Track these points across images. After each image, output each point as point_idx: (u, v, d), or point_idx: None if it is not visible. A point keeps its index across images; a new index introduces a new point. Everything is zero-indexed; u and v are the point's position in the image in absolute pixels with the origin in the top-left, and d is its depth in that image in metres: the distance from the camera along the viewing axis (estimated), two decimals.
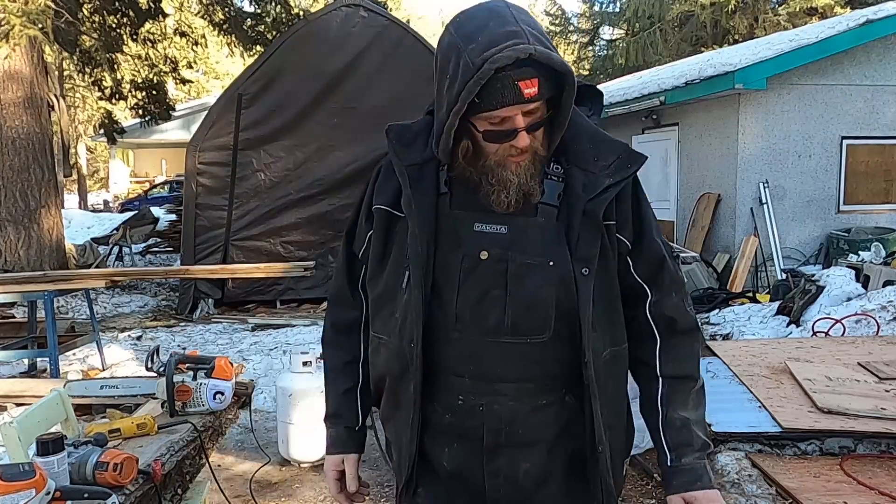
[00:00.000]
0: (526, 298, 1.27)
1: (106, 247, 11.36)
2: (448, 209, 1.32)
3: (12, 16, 7.45)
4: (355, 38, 8.43)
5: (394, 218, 1.36)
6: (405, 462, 1.39)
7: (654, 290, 1.37)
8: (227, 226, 8.38)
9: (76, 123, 26.30)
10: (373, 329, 1.41)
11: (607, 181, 1.29)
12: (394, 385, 1.38)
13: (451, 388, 1.32)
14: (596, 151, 1.31)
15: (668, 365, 1.38)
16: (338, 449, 1.51)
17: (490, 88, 1.17)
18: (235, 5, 11.44)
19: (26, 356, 5.78)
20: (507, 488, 1.35)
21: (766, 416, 4.07)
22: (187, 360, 2.47)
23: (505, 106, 1.19)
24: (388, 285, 1.35)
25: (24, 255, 8.54)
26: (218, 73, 30.87)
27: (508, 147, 1.24)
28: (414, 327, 1.28)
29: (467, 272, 1.29)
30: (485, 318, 1.28)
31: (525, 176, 1.26)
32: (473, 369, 1.29)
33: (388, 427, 1.47)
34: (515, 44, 1.16)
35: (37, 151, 8.66)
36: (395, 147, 1.36)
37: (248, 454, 4.09)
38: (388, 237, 1.37)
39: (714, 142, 9.09)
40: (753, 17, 19.14)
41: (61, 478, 1.65)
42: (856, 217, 8.90)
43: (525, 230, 1.29)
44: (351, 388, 1.51)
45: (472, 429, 1.32)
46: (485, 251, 1.28)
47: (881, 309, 6.22)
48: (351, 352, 1.52)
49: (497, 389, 1.30)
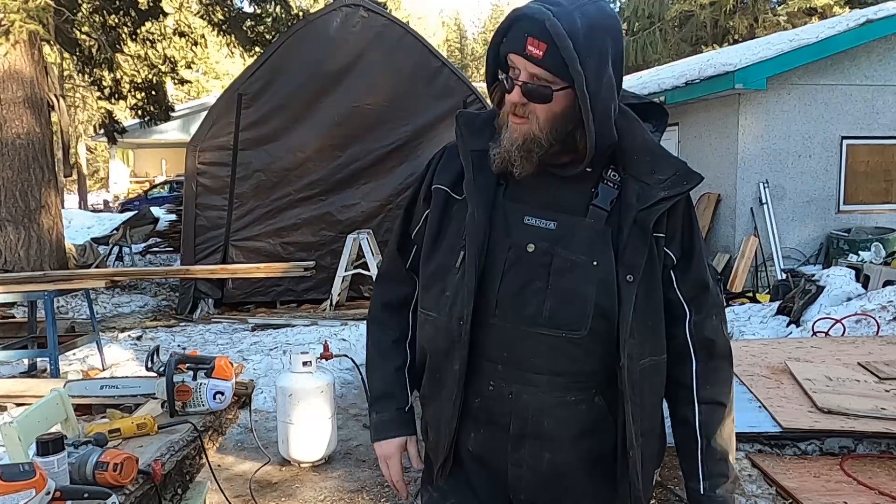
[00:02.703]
0: (566, 292, 1.31)
1: (106, 247, 11.36)
2: (502, 199, 1.36)
3: (12, 12, 7.44)
4: (355, 37, 8.43)
5: (451, 199, 1.40)
6: (444, 441, 1.41)
7: (694, 309, 1.40)
8: (227, 226, 8.37)
9: (76, 123, 26.30)
10: (423, 306, 1.45)
11: (661, 194, 1.31)
12: (438, 362, 1.41)
13: (484, 372, 1.36)
14: (654, 165, 1.34)
15: (707, 389, 1.39)
16: (400, 431, 1.50)
17: (510, 32, 1.27)
18: (235, 5, 11.44)
19: (26, 356, 5.78)
20: (529, 478, 1.38)
21: (766, 416, 4.07)
22: (187, 360, 2.46)
23: (509, 51, 1.27)
24: (441, 264, 1.39)
25: (24, 255, 8.54)
26: (218, 73, 30.89)
27: (508, 102, 1.30)
28: (465, 306, 1.32)
29: (512, 262, 1.33)
30: (523, 308, 1.32)
31: (512, 143, 1.30)
32: (507, 356, 1.34)
33: (427, 408, 1.48)
34: (548, 7, 1.23)
35: (37, 151, 8.66)
36: (463, 132, 1.41)
37: (248, 454, 4.09)
38: (445, 217, 1.40)
39: (714, 142, 9.09)
40: (753, 17, 19.15)
41: (61, 478, 1.65)
42: (856, 217, 8.90)
43: (573, 228, 1.33)
44: (401, 367, 1.52)
45: (500, 415, 1.36)
46: (531, 244, 1.33)
47: (881, 309, 6.22)
48: (400, 329, 1.54)
49: (528, 379, 1.33)
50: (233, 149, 8.33)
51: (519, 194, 1.36)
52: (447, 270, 1.37)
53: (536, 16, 1.22)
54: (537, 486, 1.38)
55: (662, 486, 3.57)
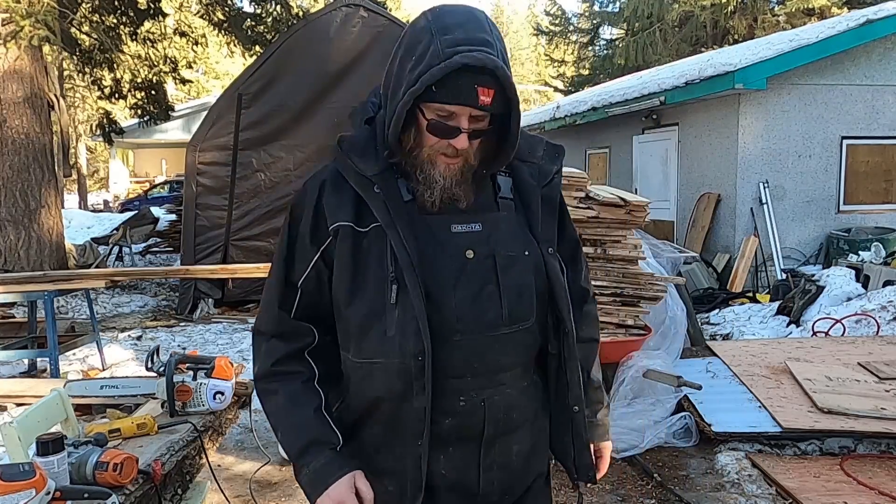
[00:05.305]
0: (515, 287, 1.34)
1: (106, 247, 11.36)
2: (417, 215, 1.31)
3: (20, 17, 7.43)
4: (355, 38, 8.43)
5: (358, 234, 1.30)
6: (414, 486, 1.31)
7: (572, 265, 1.53)
8: (227, 226, 8.38)
9: (76, 123, 26.31)
10: (360, 356, 1.32)
11: (553, 167, 1.44)
12: (393, 409, 1.31)
13: (451, 391, 1.30)
14: (528, 145, 1.43)
15: (584, 330, 1.52)
16: (342, 469, 1.31)
17: (451, 82, 1.21)
18: (235, 5, 11.45)
19: (26, 356, 5.78)
20: (501, 478, 1.38)
21: (766, 416, 4.07)
22: (187, 360, 2.47)
23: (459, 104, 1.24)
24: (372, 305, 1.29)
25: (24, 255, 8.54)
26: (218, 73, 30.89)
27: (446, 145, 1.27)
28: (420, 338, 1.25)
29: (458, 273, 1.30)
30: (484, 314, 1.31)
31: (451, 180, 1.30)
32: (477, 367, 1.31)
33: (380, 458, 1.35)
34: (487, 52, 1.22)
35: (37, 151, 8.66)
36: (354, 158, 1.31)
37: (248, 454, 4.09)
38: (358, 254, 1.30)
39: (714, 142, 9.09)
40: (753, 18, 19.14)
41: (61, 478, 1.65)
42: (856, 217, 8.90)
43: (497, 225, 1.35)
44: (318, 407, 1.35)
45: (472, 427, 1.33)
46: (470, 250, 1.31)
47: (881, 309, 6.22)
48: (305, 370, 1.38)
49: (498, 380, 1.34)
50: (233, 149, 8.34)
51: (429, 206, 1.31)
52: (381, 309, 1.28)
53: (487, 66, 1.20)
54: (509, 481, 1.39)
55: (662, 486, 3.57)
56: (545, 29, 28.60)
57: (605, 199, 4.53)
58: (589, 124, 12.05)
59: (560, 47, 28.95)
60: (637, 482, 3.66)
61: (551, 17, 27.98)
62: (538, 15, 35.54)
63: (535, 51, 39.56)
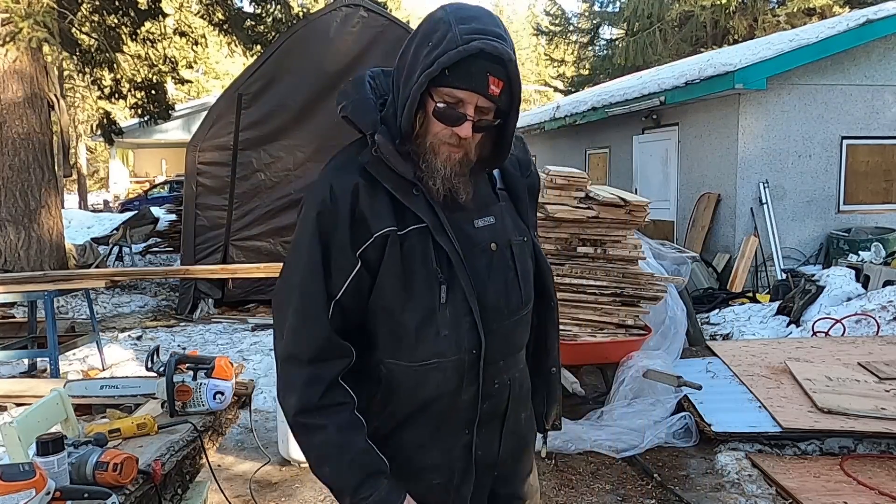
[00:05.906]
0: (525, 273, 1.45)
1: (106, 247, 11.36)
2: (444, 214, 1.33)
3: (19, 18, 7.43)
4: (355, 38, 8.43)
5: (401, 238, 1.29)
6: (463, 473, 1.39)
7: None
8: (227, 226, 8.37)
9: (76, 123, 26.30)
10: (415, 360, 1.32)
11: (527, 157, 1.53)
12: (445, 403, 1.35)
13: (489, 376, 1.38)
14: None
15: None
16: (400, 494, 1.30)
17: (464, 67, 1.23)
18: (235, 5, 11.45)
19: (26, 356, 5.78)
20: (513, 443, 1.48)
21: (766, 416, 4.07)
22: (187, 360, 2.47)
23: (468, 89, 1.25)
24: (426, 307, 1.30)
25: (24, 255, 8.54)
26: (218, 73, 30.91)
27: (449, 134, 1.29)
28: (476, 332, 1.33)
29: (488, 266, 1.38)
30: (510, 302, 1.41)
31: (451, 171, 1.31)
32: (507, 351, 1.42)
33: (424, 454, 1.37)
34: (502, 45, 1.25)
35: (37, 151, 8.66)
36: (393, 162, 1.29)
37: (248, 454, 4.09)
38: (404, 259, 1.29)
39: (714, 142, 9.09)
40: (753, 18, 19.14)
41: (61, 478, 1.65)
42: (856, 217, 8.90)
43: (503, 216, 1.43)
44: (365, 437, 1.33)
45: (499, 405, 1.43)
46: (493, 242, 1.39)
47: (881, 309, 6.22)
48: (349, 401, 1.33)
49: (516, 360, 1.46)
50: (233, 149, 8.34)
51: (452, 204, 1.34)
52: (433, 310, 1.30)
53: (503, 56, 1.24)
54: (518, 445, 1.50)
55: (662, 486, 3.57)
56: (545, 29, 28.61)
57: (605, 199, 4.53)
58: (589, 124, 12.05)
59: (560, 47, 28.96)
60: (637, 482, 3.66)
61: (551, 17, 27.98)
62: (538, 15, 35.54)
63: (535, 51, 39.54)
